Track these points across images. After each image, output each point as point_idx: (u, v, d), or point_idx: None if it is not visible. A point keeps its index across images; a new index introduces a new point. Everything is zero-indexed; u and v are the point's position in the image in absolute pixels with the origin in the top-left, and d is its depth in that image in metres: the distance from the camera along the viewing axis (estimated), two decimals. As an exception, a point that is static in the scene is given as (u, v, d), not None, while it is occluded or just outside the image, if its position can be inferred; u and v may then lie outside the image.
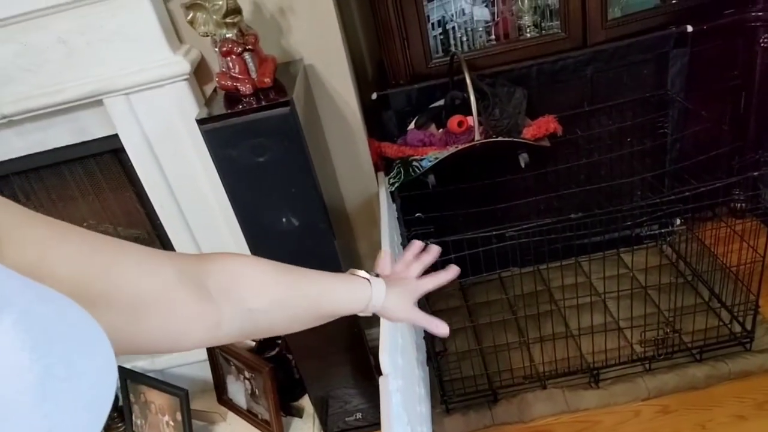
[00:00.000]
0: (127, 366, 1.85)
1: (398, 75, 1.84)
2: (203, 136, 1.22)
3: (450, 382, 1.77)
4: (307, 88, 1.55)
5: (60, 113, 1.48)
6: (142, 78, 1.42)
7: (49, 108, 1.44)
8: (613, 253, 2.06)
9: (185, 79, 1.43)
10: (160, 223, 1.71)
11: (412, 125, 1.81)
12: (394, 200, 1.70)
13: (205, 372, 1.91)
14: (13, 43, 1.37)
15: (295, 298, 0.69)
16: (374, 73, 1.97)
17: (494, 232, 1.45)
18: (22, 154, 1.56)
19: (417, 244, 0.97)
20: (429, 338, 1.81)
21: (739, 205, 2.09)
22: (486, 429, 1.65)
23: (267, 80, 1.29)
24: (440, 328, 0.87)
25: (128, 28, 1.38)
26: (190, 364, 1.91)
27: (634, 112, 1.88)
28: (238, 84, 1.29)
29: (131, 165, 1.59)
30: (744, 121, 2.01)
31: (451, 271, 0.91)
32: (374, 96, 1.80)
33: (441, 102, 1.82)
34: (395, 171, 1.71)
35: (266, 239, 1.36)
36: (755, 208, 2.03)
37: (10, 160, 1.58)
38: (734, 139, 1.98)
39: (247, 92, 1.29)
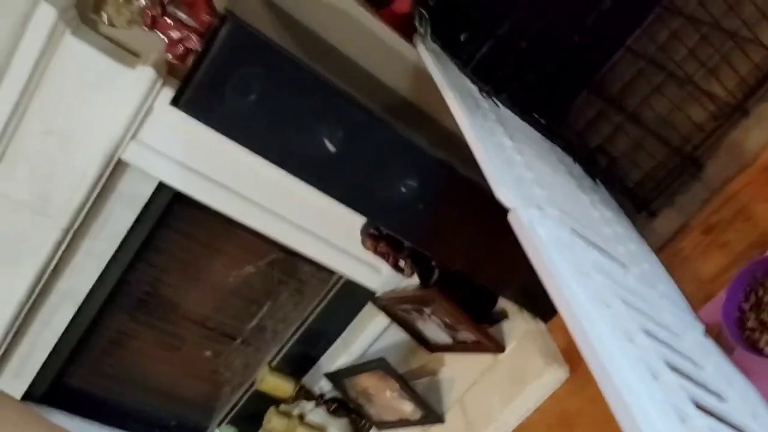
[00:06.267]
0: (332, 369, 1.81)
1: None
2: (188, 113, 1.08)
3: (637, 184, 1.42)
4: (270, 5, 1.33)
5: (104, 197, 1.46)
6: (129, 115, 1.32)
7: (88, 200, 1.42)
8: None
9: (162, 85, 1.31)
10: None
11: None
12: (442, 48, 1.40)
13: (400, 334, 1.79)
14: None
15: None
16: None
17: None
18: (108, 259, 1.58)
19: None
20: (582, 157, 1.48)
21: None
22: (708, 202, 1.27)
23: (205, 18, 1.11)
24: None
25: (86, 77, 1.29)
26: (380, 338, 1.80)
27: None
28: (186, 43, 1.13)
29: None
30: None
31: None
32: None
33: None
34: (418, 18, 1.41)
35: (324, 168, 1.17)
36: None
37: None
38: None
39: (199, 44, 1.12)
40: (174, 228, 1.69)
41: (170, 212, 1.63)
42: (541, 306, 1.45)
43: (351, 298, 1.77)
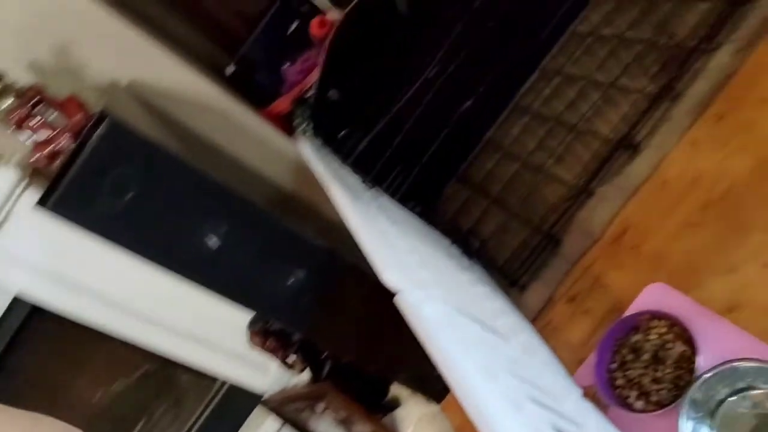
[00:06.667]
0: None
1: (235, 33, 1.61)
2: (56, 215, 1.01)
3: (506, 262, 1.54)
4: (147, 106, 1.33)
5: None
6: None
7: None
8: (569, 34, 1.81)
9: (25, 188, 1.22)
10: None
11: (286, 65, 1.59)
12: (323, 144, 1.47)
13: (293, 435, 1.70)
14: None
15: None
16: (216, 51, 1.74)
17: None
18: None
19: None
20: (457, 240, 1.59)
21: None
22: (568, 274, 1.41)
23: (79, 117, 1.08)
24: None
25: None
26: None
27: None
28: (57, 144, 1.08)
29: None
30: None
31: None
32: (230, 69, 1.58)
33: (296, 23, 1.60)
34: (299, 117, 1.48)
35: (208, 265, 1.14)
36: None
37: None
38: None
39: (72, 144, 1.07)
40: (31, 345, 1.52)
41: (27, 327, 1.46)
42: (433, 387, 1.47)
43: (236, 404, 1.67)
